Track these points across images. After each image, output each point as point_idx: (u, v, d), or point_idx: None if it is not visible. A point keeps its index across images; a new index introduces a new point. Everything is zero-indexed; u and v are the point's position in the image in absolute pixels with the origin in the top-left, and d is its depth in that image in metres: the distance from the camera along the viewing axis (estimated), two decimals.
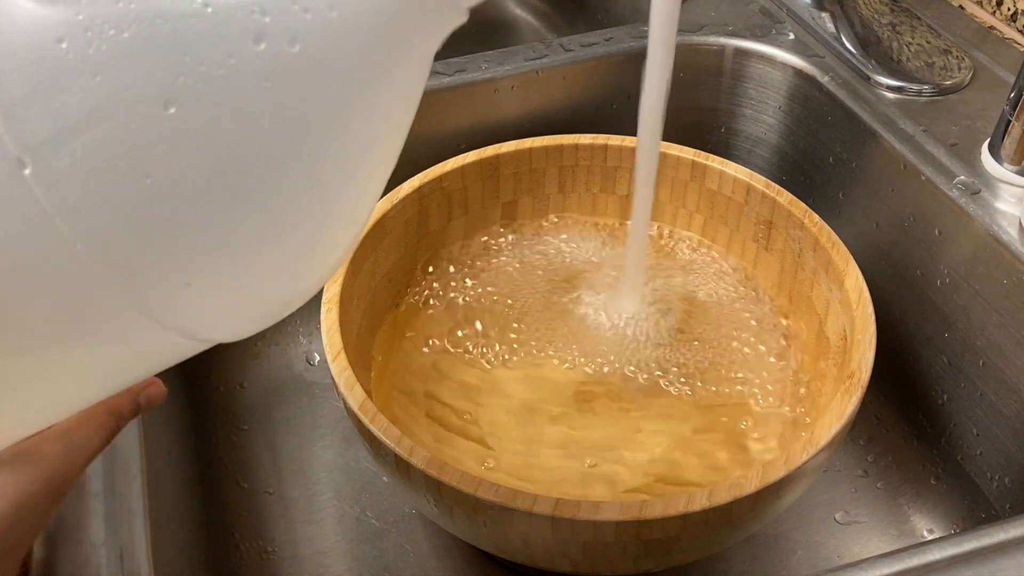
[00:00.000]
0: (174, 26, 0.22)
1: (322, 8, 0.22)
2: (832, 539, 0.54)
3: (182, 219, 0.23)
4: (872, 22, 0.64)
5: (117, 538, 0.38)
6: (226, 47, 0.22)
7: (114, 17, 0.22)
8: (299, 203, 0.24)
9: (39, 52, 0.22)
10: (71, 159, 0.22)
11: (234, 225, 0.23)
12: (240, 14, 0.22)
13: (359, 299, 0.51)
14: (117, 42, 0.22)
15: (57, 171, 0.22)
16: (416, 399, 0.50)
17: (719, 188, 0.56)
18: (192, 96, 0.22)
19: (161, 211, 0.22)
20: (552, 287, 0.56)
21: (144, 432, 0.42)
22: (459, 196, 0.57)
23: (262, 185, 0.23)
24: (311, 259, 0.27)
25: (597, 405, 0.50)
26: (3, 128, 0.22)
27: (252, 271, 0.25)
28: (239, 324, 0.27)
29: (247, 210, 0.23)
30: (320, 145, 0.24)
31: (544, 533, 0.39)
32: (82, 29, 0.22)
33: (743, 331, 0.53)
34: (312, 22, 0.22)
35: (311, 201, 0.25)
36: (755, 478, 0.40)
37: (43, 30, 0.22)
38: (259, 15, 0.22)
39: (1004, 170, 0.52)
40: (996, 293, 0.50)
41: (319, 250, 0.27)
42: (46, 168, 0.22)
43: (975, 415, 0.53)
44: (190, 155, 0.22)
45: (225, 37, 0.22)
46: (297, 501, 0.56)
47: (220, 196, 0.23)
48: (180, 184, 0.22)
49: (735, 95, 0.66)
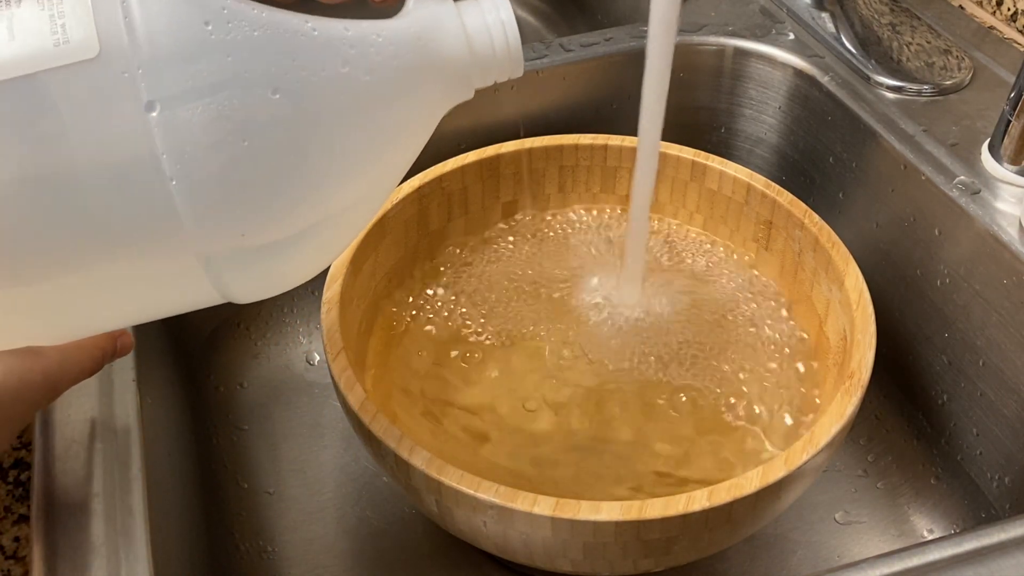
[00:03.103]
0: (291, 37, 0.30)
1: (388, 57, 0.32)
2: (832, 539, 0.54)
3: (259, 179, 0.30)
4: (872, 22, 0.64)
5: (117, 538, 0.38)
6: (323, 62, 0.30)
7: (250, 18, 0.29)
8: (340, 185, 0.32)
9: (189, 27, 0.29)
10: (191, 113, 0.28)
11: (293, 192, 0.30)
12: (336, 42, 0.31)
13: (359, 299, 0.51)
14: (249, 37, 0.29)
15: (178, 119, 0.28)
16: (416, 398, 0.50)
17: (719, 188, 0.56)
18: (293, 89, 0.30)
19: (246, 169, 0.29)
20: (552, 286, 0.56)
21: (144, 432, 0.42)
22: (459, 196, 0.57)
23: (320, 164, 0.31)
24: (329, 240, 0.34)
25: (598, 403, 0.50)
26: (143, 77, 0.28)
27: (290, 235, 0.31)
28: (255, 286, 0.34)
29: (305, 182, 0.31)
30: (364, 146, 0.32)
31: (544, 533, 0.39)
32: (225, 20, 0.29)
33: (743, 330, 0.53)
34: (380, 63, 0.31)
35: (348, 187, 0.32)
36: (755, 478, 0.40)
37: (195, 11, 0.29)
38: (348, 47, 0.31)
39: (1004, 170, 0.52)
40: (996, 293, 0.50)
41: (337, 233, 0.34)
42: (170, 115, 0.28)
43: (975, 415, 0.53)
44: (281, 132, 0.29)
45: (323, 55, 0.30)
46: (297, 501, 0.56)
47: (291, 167, 0.30)
48: (267, 152, 0.29)
49: (735, 95, 0.66)
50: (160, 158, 0.28)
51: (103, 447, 0.41)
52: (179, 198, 0.29)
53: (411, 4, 0.34)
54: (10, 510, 0.39)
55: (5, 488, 0.40)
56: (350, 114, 0.31)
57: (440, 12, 0.33)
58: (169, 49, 0.28)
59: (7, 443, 0.34)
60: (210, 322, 0.64)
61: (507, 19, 0.34)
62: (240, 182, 0.29)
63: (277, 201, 0.30)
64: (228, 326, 0.64)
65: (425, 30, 0.33)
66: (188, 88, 0.28)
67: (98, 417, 0.42)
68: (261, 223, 0.31)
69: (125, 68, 0.28)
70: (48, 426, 0.41)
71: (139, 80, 0.28)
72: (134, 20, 0.28)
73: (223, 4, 0.29)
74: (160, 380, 0.50)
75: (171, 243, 0.30)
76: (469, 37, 0.34)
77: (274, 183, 0.30)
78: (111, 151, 0.28)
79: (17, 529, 0.39)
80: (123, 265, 0.31)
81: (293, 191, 0.31)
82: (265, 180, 0.30)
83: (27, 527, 0.38)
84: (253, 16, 0.29)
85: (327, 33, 0.31)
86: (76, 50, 0.28)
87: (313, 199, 0.31)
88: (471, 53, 0.34)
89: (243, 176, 0.29)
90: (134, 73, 0.28)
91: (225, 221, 0.30)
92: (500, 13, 0.34)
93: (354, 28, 0.31)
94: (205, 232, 0.30)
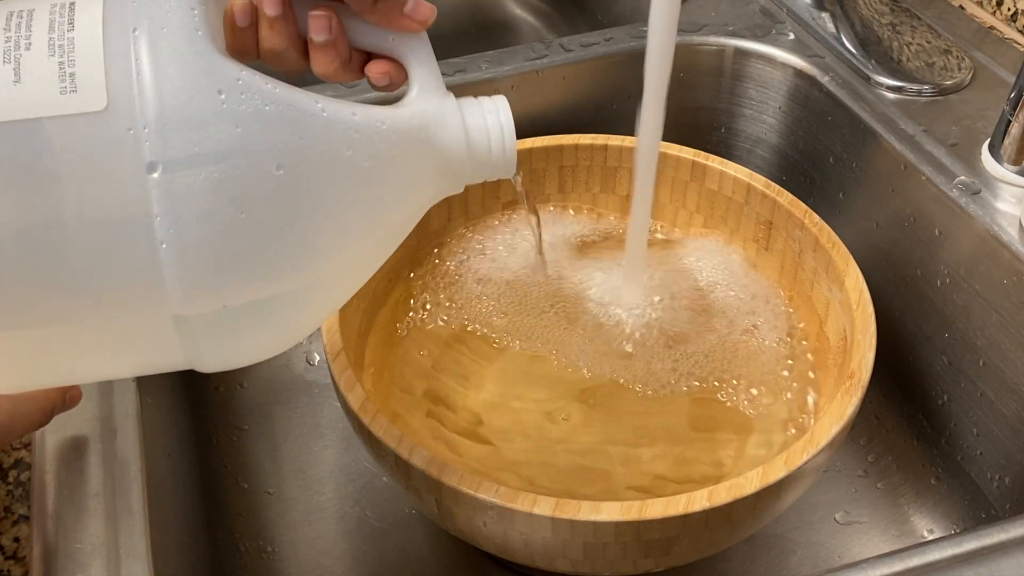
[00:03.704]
0: (300, 115, 0.30)
1: (390, 145, 0.32)
2: (832, 539, 0.54)
3: (249, 251, 0.29)
4: (872, 22, 0.64)
5: (117, 538, 0.38)
6: (328, 143, 0.31)
7: (263, 91, 0.30)
8: (324, 262, 0.32)
9: (202, 93, 0.28)
10: (193, 179, 0.28)
11: (279, 268, 0.30)
12: (343, 126, 0.31)
13: (359, 299, 0.51)
14: (260, 110, 0.29)
15: (178, 184, 0.28)
16: (416, 397, 0.50)
17: (719, 188, 0.56)
18: (296, 167, 0.30)
19: (239, 240, 0.29)
20: (553, 286, 0.56)
21: (144, 432, 0.42)
22: (459, 196, 0.56)
23: (310, 241, 0.31)
24: (308, 317, 0.34)
25: (598, 402, 0.50)
26: (148, 137, 0.28)
27: (270, 314, 0.31)
28: (224, 355, 0.33)
29: (293, 259, 0.31)
30: (354, 230, 0.32)
31: (544, 533, 0.39)
32: (238, 91, 0.29)
33: (744, 330, 0.53)
34: (382, 151, 0.32)
35: (331, 265, 0.32)
36: (755, 478, 0.40)
37: (210, 79, 0.29)
38: (353, 132, 0.31)
39: (1004, 170, 0.52)
40: (996, 293, 0.50)
41: (309, 312, 0.34)
42: (171, 179, 0.28)
43: (975, 415, 0.53)
44: (278, 207, 0.29)
45: (330, 137, 0.31)
46: (297, 501, 0.56)
47: (281, 242, 0.30)
48: (261, 225, 0.29)
49: (735, 95, 0.66)
50: (154, 220, 0.28)
51: (103, 447, 0.41)
52: (167, 262, 0.29)
53: (414, 94, 0.34)
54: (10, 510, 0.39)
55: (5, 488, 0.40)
56: (346, 197, 0.31)
57: (443, 108, 0.34)
58: (178, 112, 0.28)
59: None
60: None
61: (506, 122, 0.35)
62: (230, 252, 0.29)
63: (263, 275, 0.30)
64: None
65: (427, 124, 0.33)
66: (193, 154, 0.28)
67: (98, 417, 0.42)
68: (243, 293, 0.30)
69: (131, 125, 0.28)
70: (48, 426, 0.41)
71: (144, 139, 0.28)
72: (145, 78, 0.28)
73: (238, 75, 0.29)
74: (160, 380, 0.50)
75: (150, 304, 0.30)
76: (468, 136, 0.34)
77: (263, 257, 0.30)
78: (105, 206, 0.28)
79: (17, 529, 0.39)
80: (98, 321, 0.30)
81: (280, 267, 0.30)
82: (255, 253, 0.30)
83: (27, 527, 0.38)
84: (266, 90, 0.30)
85: (335, 115, 0.31)
86: (83, 101, 0.28)
87: (297, 276, 0.31)
88: (468, 151, 0.34)
89: (234, 247, 0.29)
90: (139, 132, 0.28)
91: (209, 289, 0.30)
92: (500, 116, 0.35)
93: (361, 113, 0.32)
94: (187, 297, 0.29)
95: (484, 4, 0.97)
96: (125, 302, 0.29)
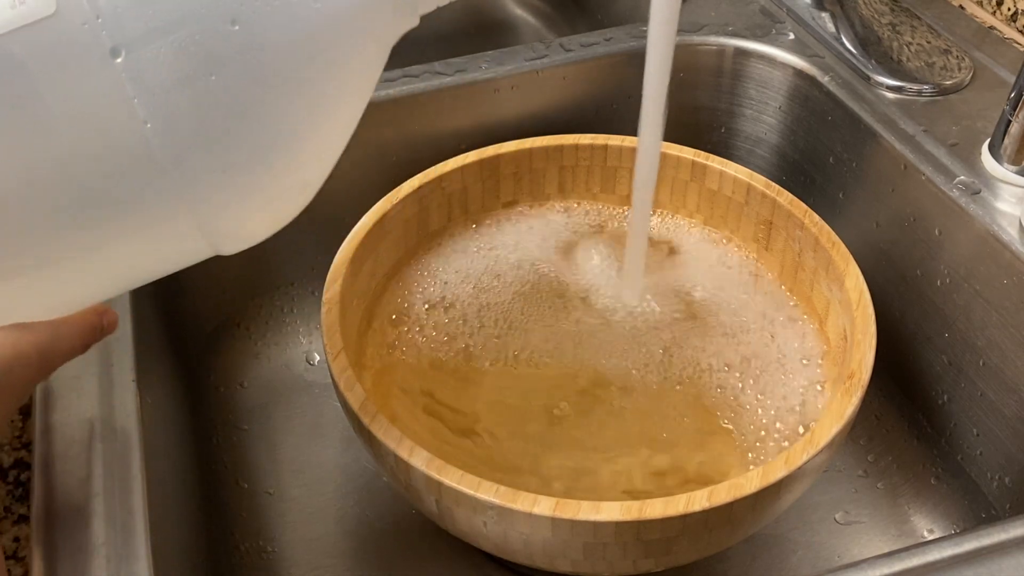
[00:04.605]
0: None
1: None
2: (832, 539, 0.54)
3: (231, 110, 0.30)
4: (872, 22, 0.64)
5: (117, 538, 0.38)
6: None
7: None
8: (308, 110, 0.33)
9: None
10: (156, 53, 0.29)
11: (265, 120, 0.31)
12: None
13: (359, 299, 0.51)
14: None
15: (143, 61, 0.29)
16: (416, 398, 0.50)
17: (719, 188, 0.56)
18: (250, 20, 0.30)
19: (217, 101, 0.30)
20: (553, 286, 0.56)
21: (144, 432, 0.42)
22: (459, 196, 0.57)
23: (285, 90, 0.32)
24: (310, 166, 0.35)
25: (598, 402, 0.50)
26: (103, 25, 0.29)
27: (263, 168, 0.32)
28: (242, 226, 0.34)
29: (274, 108, 0.32)
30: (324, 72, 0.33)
31: (544, 533, 0.39)
32: None
33: (743, 331, 0.53)
34: None
35: (315, 111, 0.33)
36: (755, 478, 0.40)
37: None
38: None
39: (1004, 170, 0.52)
40: (996, 293, 0.50)
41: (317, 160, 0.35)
42: (136, 58, 0.29)
43: (975, 415, 0.53)
44: (244, 62, 0.30)
45: None
46: (297, 501, 0.56)
47: (258, 95, 0.31)
48: (234, 82, 0.30)
49: (735, 95, 0.66)
50: (132, 102, 0.29)
51: (103, 447, 0.41)
52: (155, 139, 0.30)
53: None
54: (10, 510, 0.39)
55: (5, 488, 0.40)
56: (306, 41, 0.32)
57: None
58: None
59: (5, 420, 0.34)
60: (210, 322, 0.64)
61: None
62: (212, 115, 0.30)
63: (251, 130, 0.31)
64: (228, 326, 0.64)
65: None
66: (149, 28, 0.29)
67: (98, 417, 0.42)
68: (239, 154, 0.31)
69: (85, 19, 0.29)
70: (48, 426, 0.41)
71: (100, 28, 0.29)
72: None
73: None
74: (160, 380, 0.50)
75: (154, 190, 0.31)
76: None
77: (245, 112, 0.31)
78: (85, 102, 0.29)
79: (17, 529, 0.39)
80: (111, 223, 0.31)
81: (265, 119, 0.31)
82: (236, 110, 0.31)
83: (27, 527, 0.38)
84: None
85: None
86: (33, 10, 0.29)
87: (285, 125, 0.32)
88: None
89: (214, 108, 0.30)
90: (94, 23, 0.29)
91: (203, 157, 0.31)
92: None
93: None
94: (185, 172, 0.30)
95: (484, 4, 0.97)
96: (130, 194, 0.30)
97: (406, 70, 0.61)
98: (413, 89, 0.60)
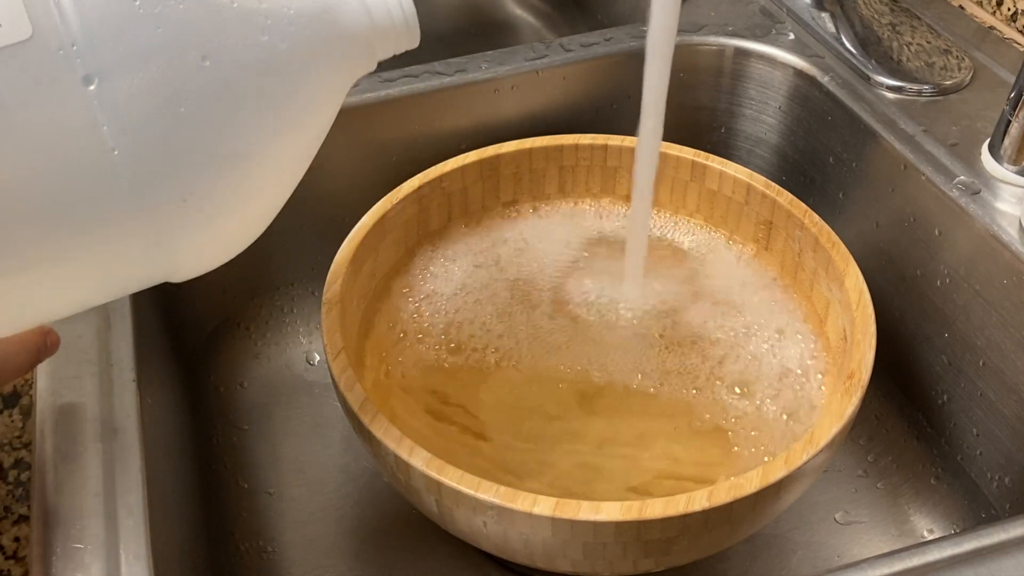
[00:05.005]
0: (215, 9, 0.32)
1: (299, 27, 0.34)
2: (832, 539, 0.54)
3: (196, 142, 0.32)
4: (872, 22, 0.64)
5: (117, 538, 0.38)
6: (244, 31, 0.33)
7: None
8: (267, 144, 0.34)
9: (118, 3, 0.30)
10: (128, 83, 0.30)
11: (227, 152, 0.33)
12: (254, 14, 0.33)
13: (359, 299, 0.51)
14: (176, 9, 0.31)
15: (116, 90, 0.30)
16: (416, 398, 0.50)
17: (719, 188, 0.56)
18: (220, 57, 0.32)
19: (184, 133, 0.31)
20: (553, 286, 0.56)
21: (144, 432, 0.42)
22: (459, 196, 0.57)
23: (249, 125, 0.33)
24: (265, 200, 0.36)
25: (598, 402, 0.50)
26: (78, 53, 0.29)
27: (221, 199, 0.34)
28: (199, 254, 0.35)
29: (237, 142, 0.33)
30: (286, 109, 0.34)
31: (544, 533, 0.39)
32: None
33: (743, 331, 0.53)
34: (293, 33, 0.34)
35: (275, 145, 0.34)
36: (755, 478, 0.40)
37: None
38: (264, 18, 0.33)
39: (1004, 170, 0.52)
40: (996, 293, 0.50)
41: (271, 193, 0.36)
42: (108, 87, 0.30)
43: (975, 415, 0.53)
44: (213, 96, 0.32)
45: (244, 25, 0.33)
46: (297, 501, 0.56)
47: (223, 128, 0.32)
48: (201, 116, 0.31)
49: (735, 95, 0.66)
50: (102, 129, 0.30)
51: (103, 447, 0.41)
52: (121, 167, 0.30)
53: None
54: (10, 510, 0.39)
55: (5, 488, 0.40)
56: (272, 78, 0.33)
57: None
58: (100, 24, 0.30)
59: None
60: (210, 322, 0.64)
61: None
62: (178, 146, 0.31)
63: (213, 162, 0.32)
64: (228, 326, 0.64)
65: (329, 5, 0.36)
66: (123, 59, 0.30)
67: (98, 417, 0.42)
68: (199, 184, 0.32)
69: (60, 46, 0.29)
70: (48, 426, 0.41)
71: (75, 56, 0.29)
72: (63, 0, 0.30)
73: None
74: (160, 380, 0.50)
75: (114, 215, 0.31)
76: (368, 10, 0.36)
77: (209, 145, 0.32)
78: (55, 127, 0.30)
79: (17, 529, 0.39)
80: (66, 244, 0.31)
81: (227, 151, 0.33)
82: (201, 143, 0.32)
83: (27, 527, 0.38)
84: None
85: (245, 6, 0.33)
86: (8, 33, 0.29)
87: (246, 160, 0.33)
88: (371, 24, 0.36)
89: (180, 140, 0.31)
90: (69, 50, 0.29)
91: (166, 187, 0.32)
92: None
93: (267, 2, 0.34)
94: (148, 200, 0.31)
95: (484, 4, 0.97)
96: (90, 219, 0.31)
97: (406, 70, 0.61)
98: (413, 89, 0.60)
